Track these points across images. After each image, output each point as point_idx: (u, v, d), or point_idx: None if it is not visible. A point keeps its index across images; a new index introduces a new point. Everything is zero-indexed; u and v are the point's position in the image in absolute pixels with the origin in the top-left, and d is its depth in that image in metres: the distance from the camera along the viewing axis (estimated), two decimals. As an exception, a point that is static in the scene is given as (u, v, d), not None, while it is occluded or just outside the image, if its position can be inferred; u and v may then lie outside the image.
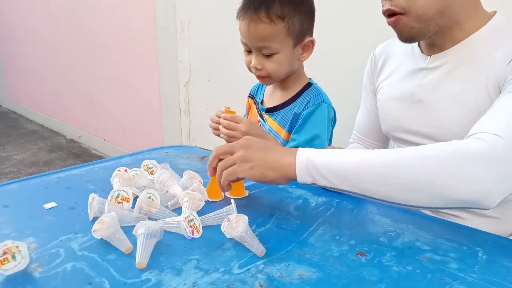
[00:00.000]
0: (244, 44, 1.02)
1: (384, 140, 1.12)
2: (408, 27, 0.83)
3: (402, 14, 0.82)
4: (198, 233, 0.69)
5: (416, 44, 0.95)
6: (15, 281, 0.57)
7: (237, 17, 1.01)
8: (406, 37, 0.86)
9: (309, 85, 1.09)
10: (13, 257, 0.57)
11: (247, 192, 0.86)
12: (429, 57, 0.91)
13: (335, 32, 1.59)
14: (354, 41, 1.56)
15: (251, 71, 1.06)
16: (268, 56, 1.00)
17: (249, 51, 1.03)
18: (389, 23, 0.85)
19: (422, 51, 0.94)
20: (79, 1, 3.06)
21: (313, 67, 1.16)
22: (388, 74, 1.01)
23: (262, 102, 1.15)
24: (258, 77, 1.05)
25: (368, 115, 1.11)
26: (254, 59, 1.02)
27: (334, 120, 1.09)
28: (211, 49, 2.20)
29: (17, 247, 0.57)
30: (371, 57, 1.07)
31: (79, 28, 3.14)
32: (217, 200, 0.83)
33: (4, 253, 0.57)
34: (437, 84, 0.88)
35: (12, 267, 0.57)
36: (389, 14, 0.84)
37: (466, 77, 0.84)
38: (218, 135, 1.14)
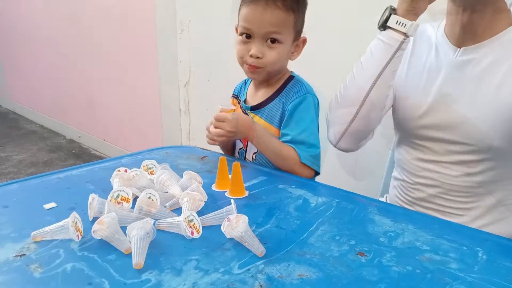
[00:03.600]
0: (247, 29, 0.99)
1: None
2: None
3: None
4: (198, 233, 0.69)
5: (443, 32, 0.92)
6: (15, 281, 0.57)
7: (245, 2, 0.99)
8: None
9: (291, 77, 1.08)
10: None
11: (247, 192, 0.86)
12: (459, 49, 0.87)
13: (335, 33, 1.59)
14: (356, 43, 1.56)
15: (242, 62, 1.03)
16: (272, 45, 0.99)
17: (247, 39, 1.00)
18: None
19: (450, 42, 0.89)
20: (79, 1, 3.06)
21: (313, 68, 1.15)
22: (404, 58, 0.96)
23: (245, 101, 1.13)
24: (253, 67, 1.01)
25: None
26: (255, 46, 0.99)
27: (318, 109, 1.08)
28: (211, 49, 2.20)
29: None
30: None
31: (79, 28, 3.14)
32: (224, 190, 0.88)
33: None
34: (469, 78, 0.85)
35: None
36: None
37: (501, 71, 0.81)
38: (214, 145, 1.13)
